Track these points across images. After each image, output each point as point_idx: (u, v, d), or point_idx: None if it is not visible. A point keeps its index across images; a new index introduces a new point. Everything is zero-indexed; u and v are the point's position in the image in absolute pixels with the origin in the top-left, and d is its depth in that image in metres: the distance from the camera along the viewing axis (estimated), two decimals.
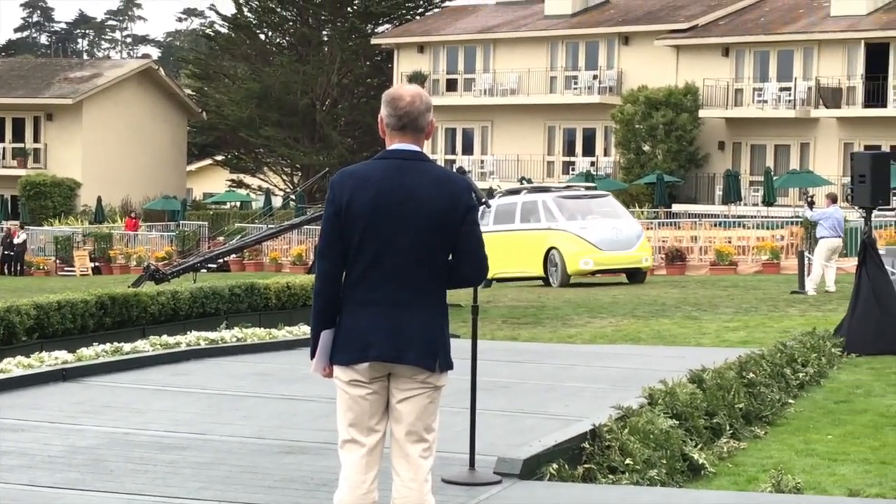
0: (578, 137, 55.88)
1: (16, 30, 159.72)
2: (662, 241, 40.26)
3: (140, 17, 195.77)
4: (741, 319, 21.09)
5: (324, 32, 68.03)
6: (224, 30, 71.28)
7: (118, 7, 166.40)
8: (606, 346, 17.69)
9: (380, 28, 67.31)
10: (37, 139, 65.03)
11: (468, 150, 57.98)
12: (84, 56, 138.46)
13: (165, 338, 15.05)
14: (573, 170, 54.10)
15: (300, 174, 66.22)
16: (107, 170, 64.01)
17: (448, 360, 5.62)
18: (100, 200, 59.95)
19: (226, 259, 42.23)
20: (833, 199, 27.21)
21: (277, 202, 61.50)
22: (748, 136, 51.66)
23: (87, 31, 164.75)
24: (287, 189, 65.65)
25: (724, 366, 12.15)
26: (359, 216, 5.52)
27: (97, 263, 51.06)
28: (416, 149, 5.62)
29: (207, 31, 75.45)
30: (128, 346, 14.25)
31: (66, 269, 51.03)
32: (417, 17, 66.55)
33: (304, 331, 16.48)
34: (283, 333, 16.71)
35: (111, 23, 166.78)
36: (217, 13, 71.34)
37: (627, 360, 15.29)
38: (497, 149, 56.93)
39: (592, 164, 54.08)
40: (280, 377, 13.17)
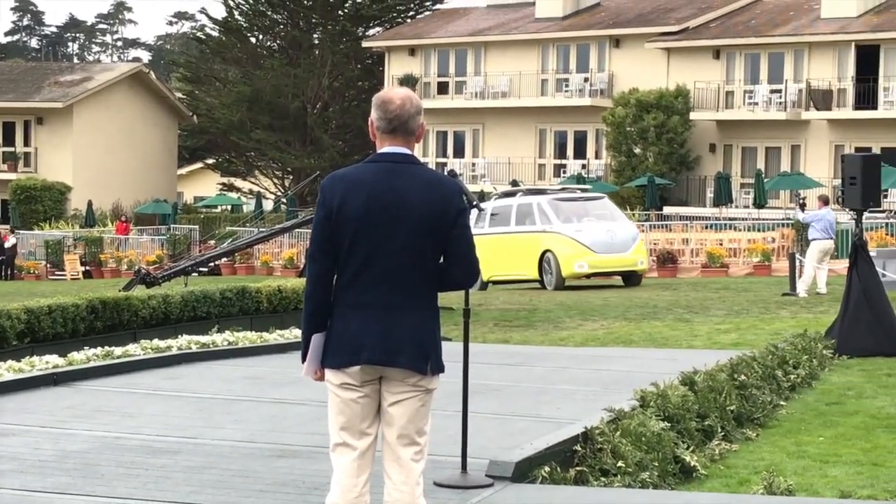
0: (570, 140, 55.91)
1: (6, 33, 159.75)
2: (654, 244, 40.27)
3: (131, 21, 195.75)
4: (732, 321, 21.10)
5: (314, 36, 68.04)
6: (215, 33, 71.31)
7: (109, 10, 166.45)
8: (598, 349, 17.68)
9: (371, 31, 67.33)
10: (27, 143, 64.98)
11: (459, 153, 58.00)
12: (74, 60, 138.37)
13: (156, 342, 15.02)
14: (564, 172, 54.13)
15: (291, 177, 66.22)
16: (97, 173, 63.96)
17: (439, 363, 5.62)
18: (90, 204, 59.90)
19: (217, 263, 42.19)
20: (825, 201, 27.23)
21: (268, 205, 61.49)
22: (739, 139, 51.73)
23: (78, 35, 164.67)
24: (278, 192, 65.64)
25: (716, 368, 12.15)
26: (350, 219, 5.52)
27: (88, 267, 51.03)
28: (407, 152, 5.62)
29: (198, 35, 75.41)
30: (119, 350, 14.22)
31: (57, 274, 50.97)
32: (408, 21, 66.59)
33: (296, 334, 16.46)
34: (275, 337, 16.68)
35: (102, 26, 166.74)
36: (208, 16, 71.67)
37: (619, 363, 15.29)
38: (488, 152, 56.96)
39: (583, 167, 54.12)
40: (271, 381, 13.14)
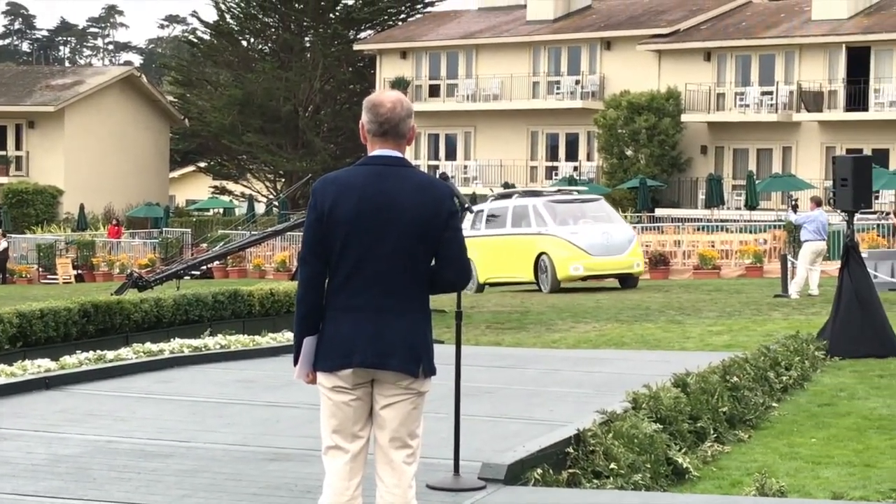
0: (561, 142, 55.94)
1: None
2: (646, 246, 40.24)
3: (122, 24, 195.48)
4: (725, 323, 21.11)
5: (306, 39, 68.02)
6: (206, 36, 71.23)
7: (100, 14, 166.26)
8: (590, 351, 17.69)
9: (362, 34, 67.32)
10: (19, 147, 64.90)
11: (451, 156, 58.01)
12: (66, 63, 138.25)
13: (149, 345, 15.01)
14: (556, 175, 54.14)
15: (283, 180, 66.20)
16: (89, 177, 63.89)
17: (431, 366, 5.62)
18: (82, 208, 59.84)
19: (209, 266, 42.19)
20: (817, 203, 27.25)
21: (260, 208, 61.45)
22: (730, 141, 51.78)
23: (69, 39, 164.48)
24: (270, 195, 65.60)
25: (708, 370, 12.16)
26: (341, 222, 5.52)
27: (80, 271, 50.94)
28: (398, 155, 5.62)
29: (190, 38, 75.33)
30: (111, 354, 14.20)
31: (49, 277, 50.89)
32: (400, 23, 66.58)
33: (288, 337, 16.45)
34: (267, 340, 16.68)
35: (93, 30, 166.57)
36: (199, 20, 71.47)
37: (611, 365, 15.30)
38: (480, 154, 56.98)
39: (575, 169, 54.14)
40: (264, 384, 13.14)
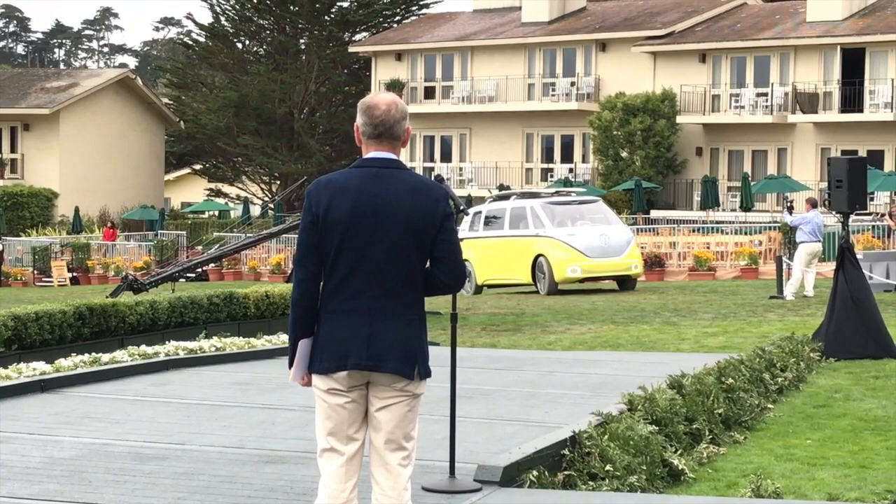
0: (556, 144, 55.95)
1: None
2: (641, 247, 40.25)
3: (117, 27, 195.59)
4: (720, 325, 21.12)
5: (301, 41, 68.02)
6: (201, 39, 71.18)
7: (95, 16, 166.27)
8: (586, 353, 17.70)
9: (357, 36, 67.33)
10: (14, 149, 64.84)
11: (446, 158, 58.01)
12: (61, 66, 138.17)
13: (144, 348, 15.00)
14: (551, 177, 54.16)
15: (278, 183, 66.18)
16: (84, 180, 63.86)
17: (426, 368, 5.62)
18: (77, 210, 59.79)
19: (204, 268, 42.16)
20: (813, 204, 27.27)
21: (256, 211, 61.43)
22: (726, 142, 51.81)
23: (64, 41, 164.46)
24: (265, 198, 65.56)
25: (704, 371, 12.16)
26: (336, 225, 5.52)
27: (75, 274, 50.91)
28: (393, 157, 5.62)
29: (185, 40, 75.28)
30: (106, 357, 14.19)
31: (44, 280, 50.86)
32: (395, 25, 66.58)
33: (283, 340, 16.45)
34: (262, 343, 16.67)
35: (88, 32, 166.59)
36: (194, 22, 71.32)
37: (607, 367, 15.30)
38: (475, 156, 56.98)
39: (571, 171, 54.15)
40: (259, 387, 13.13)
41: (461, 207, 7.36)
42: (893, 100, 47.80)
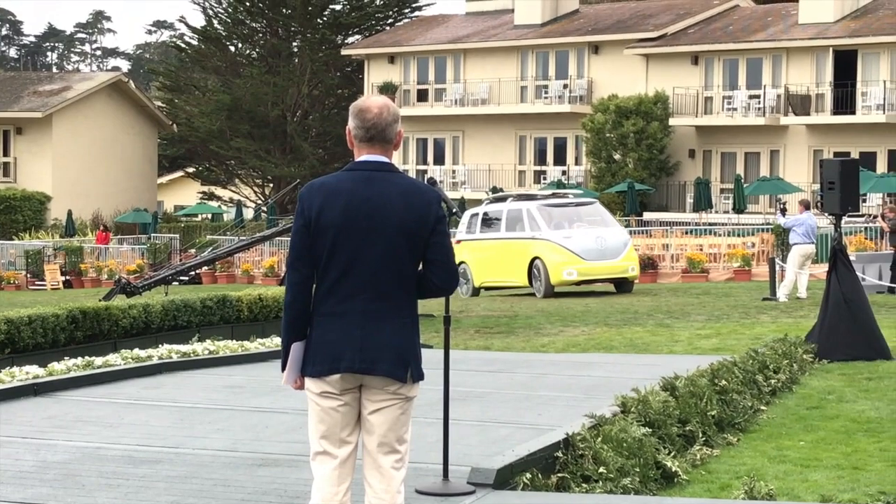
0: (549, 146, 55.98)
1: None
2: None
3: (109, 30, 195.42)
4: (713, 327, 21.14)
5: (294, 44, 68.01)
6: (194, 42, 71.18)
7: (87, 20, 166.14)
8: (579, 355, 17.71)
9: (350, 39, 67.34)
10: (6, 153, 64.78)
11: (439, 160, 58.03)
12: (53, 69, 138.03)
13: (137, 351, 14.99)
14: (544, 179, 54.17)
15: (271, 185, 66.17)
16: (77, 183, 63.80)
17: (419, 371, 5.62)
18: (70, 214, 59.74)
19: (197, 271, 42.09)
20: (806, 206, 27.30)
21: (249, 214, 61.40)
22: (718, 144, 51.85)
23: (57, 45, 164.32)
24: (258, 201, 65.56)
25: (697, 373, 12.17)
26: (328, 228, 5.52)
27: (68, 277, 50.84)
28: (385, 160, 5.63)
29: (177, 44, 75.25)
30: (99, 360, 14.19)
31: (37, 283, 50.76)
32: (387, 28, 66.60)
33: (277, 343, 16.44)
34: (256, 346, 16.66)
35: (80, 36, 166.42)
36: (187, 25, 71.32)
37: (600, 369, 15.31)
38: (468, 158, 57.00)
39: (564, 174, 54.18)
40: (252, 390, 13.13)
41: (454, 210, 7.35)
42: (885, 102, 47.87)
